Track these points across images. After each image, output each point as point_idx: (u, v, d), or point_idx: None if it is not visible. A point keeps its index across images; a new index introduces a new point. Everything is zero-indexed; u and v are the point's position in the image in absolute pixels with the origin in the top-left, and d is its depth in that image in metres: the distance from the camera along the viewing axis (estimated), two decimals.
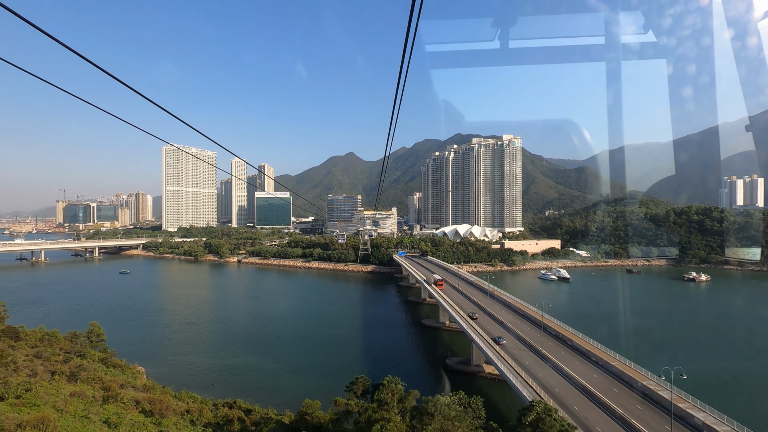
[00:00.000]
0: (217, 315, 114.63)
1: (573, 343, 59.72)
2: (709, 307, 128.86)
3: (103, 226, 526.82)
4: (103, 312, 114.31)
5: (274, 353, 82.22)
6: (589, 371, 50.78)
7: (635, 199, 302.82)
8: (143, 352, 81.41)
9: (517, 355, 58.11)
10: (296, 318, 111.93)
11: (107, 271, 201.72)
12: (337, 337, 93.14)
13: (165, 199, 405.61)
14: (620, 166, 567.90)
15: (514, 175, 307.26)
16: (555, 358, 54.94)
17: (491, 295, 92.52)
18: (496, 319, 77.74)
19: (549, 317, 69.71)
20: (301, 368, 74.21)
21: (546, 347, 58.86)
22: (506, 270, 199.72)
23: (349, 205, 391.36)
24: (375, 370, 73.04)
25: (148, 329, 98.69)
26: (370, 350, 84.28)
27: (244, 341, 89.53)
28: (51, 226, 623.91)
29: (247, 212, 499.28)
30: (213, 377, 70.17)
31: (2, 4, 6.41)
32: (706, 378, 63.67)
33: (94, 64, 8.62)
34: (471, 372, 69.87)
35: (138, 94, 10.34)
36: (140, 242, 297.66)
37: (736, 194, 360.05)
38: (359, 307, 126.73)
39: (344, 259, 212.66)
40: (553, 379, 49.61)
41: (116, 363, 48.90)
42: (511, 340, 65.41)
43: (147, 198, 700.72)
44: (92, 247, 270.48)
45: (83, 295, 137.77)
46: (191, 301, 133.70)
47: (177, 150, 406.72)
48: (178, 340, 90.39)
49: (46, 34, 7.66)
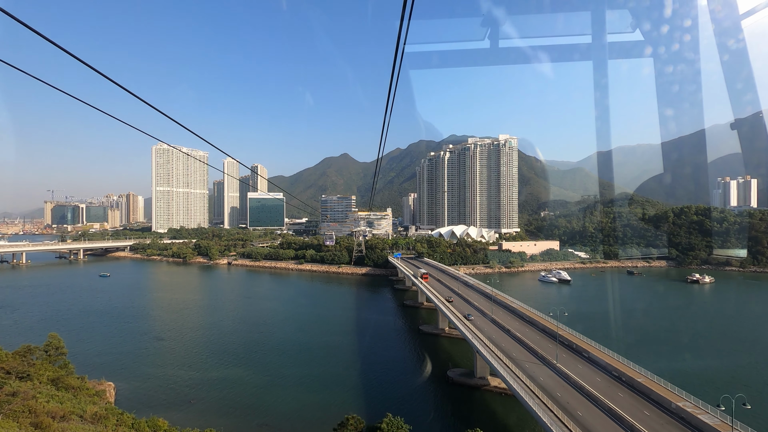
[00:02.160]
0: (201, 321, 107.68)
1: (590, 355, 53.90)
2: (725, 311, 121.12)
3: (92, 227, 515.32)
4: (76, 318, 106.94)
5: (260, 364, 75.61)
6: (613, 388, 44.93)
7: (631, 200, 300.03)
8: (115, 364, 74.44)
9: (529, 369, 52.15)
10: (286, 324, 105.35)
11: (88, 274, 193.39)
12: (330, 345, 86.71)
13: (155, 200, 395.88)
14: (613, 168, 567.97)
15: (511, 175, 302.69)
16: (572, 372, 49.03)
17: (495, 300, 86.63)
18: (502, 327, 71.81)
19: (561, 326, 63.92)
20: (290, 381, 67.71)
21: (561, 360, 52.97)
22: (504, 272, 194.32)
23: (343, 206, 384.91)
24: (370, 384, 66.82)
25: (124, 337, 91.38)
26: (365, 360, 77.91)
27: (229, 350, 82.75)
28: (39, 227, 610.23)
29: (239, 213, 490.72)
30: (191, 393, 63.46)
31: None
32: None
33: (81, 60, 8.77)
34: (475, 385, 63.86)
35: (128, 92, 10.32)
36: (127, 244, 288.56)
37: (729, 195, 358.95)
38: (353, 312, 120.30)
39: (338, 261, 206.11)
40: (573, 398, 43.69)
41: (69, 385, 42.14)
42: (520, 351, 59.52)
43: (138, 199, 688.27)
44: (77, 249, 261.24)
45: (59, 300, 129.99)
46: (174, 306, 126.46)
47: (167, 150, 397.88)
48: (155, 350, 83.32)
49: (36, 31, 7.66)
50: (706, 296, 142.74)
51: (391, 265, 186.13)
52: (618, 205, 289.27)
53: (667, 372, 53.42)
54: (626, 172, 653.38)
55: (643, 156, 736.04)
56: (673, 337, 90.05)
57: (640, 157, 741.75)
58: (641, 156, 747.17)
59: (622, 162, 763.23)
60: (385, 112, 12.01)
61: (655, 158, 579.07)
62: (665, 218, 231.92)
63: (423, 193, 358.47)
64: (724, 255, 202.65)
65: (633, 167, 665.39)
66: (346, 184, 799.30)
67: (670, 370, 61.85)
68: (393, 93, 10.38)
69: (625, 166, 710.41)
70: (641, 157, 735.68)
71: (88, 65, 8.69)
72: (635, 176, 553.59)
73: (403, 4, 7.26)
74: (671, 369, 64.17)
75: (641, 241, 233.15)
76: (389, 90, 10.11)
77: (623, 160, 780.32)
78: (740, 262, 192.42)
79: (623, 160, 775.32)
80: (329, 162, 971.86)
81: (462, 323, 72.52)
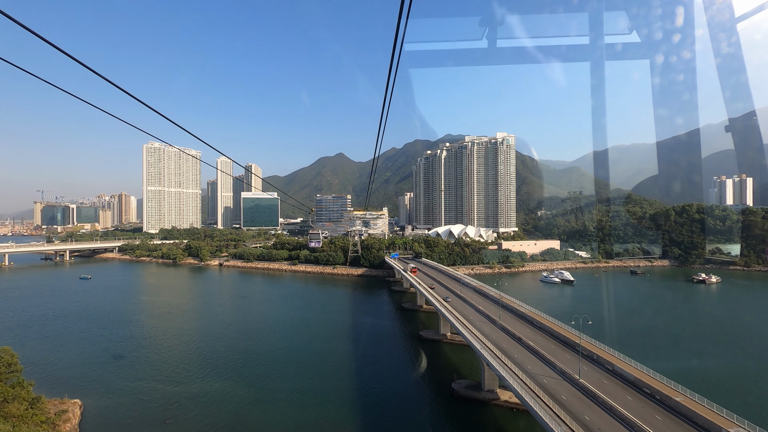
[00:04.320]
0: (184, 327, 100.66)
1: (614, 367, 47.94)
2: (745, 313, 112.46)
3: (83, 228, 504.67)
4: (48, 324, 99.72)
5: (246, 376, 68.95)
6: (648, 409, 38.99)
7: (628, 198, 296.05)
8: (85, 377, 67.59)
9: (548, 385, 46.11)
10: (277, 329, 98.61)
11: (69, 277, 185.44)
12: (323, 352, 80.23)
13: (146, 200, 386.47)
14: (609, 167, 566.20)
15: (509, 174, 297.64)
16: (598, 389, 43.02)
17: (503, 305, 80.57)
18: (512, 335, 65.82)
19: (575, 332, 57.99)
20: (279, 396, 61.23)
21: (583, 374, 46.94)
22: (504, 272, 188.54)
23: (339, 206, 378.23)
24: (366, 398, 60.49)
25: (98, 346, 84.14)
26: (361, 370, 71.54)
27: (213, 360, 76.01)
28: (29, 228, 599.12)
29: (233, 213, 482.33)
30: (168, 411, 56.83)
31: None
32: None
33: (73, 57, 8.61)
34: (483, 399, 57.79)
35: (120, 89, 10.14)
36: (116, 245, 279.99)
37: (726, 193, 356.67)
38: (348, 316, 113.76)
39: (333, 262, 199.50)
40: (604, 422, 37.67)
41: (9, 413, 35.47)
42: (535, 363, 53.52)
43: (130, 199, 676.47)
44: (62, 251, 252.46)
45: (33, 304, 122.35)
46: (156, 310, 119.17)
47: (159, 148, 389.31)
48: (131, 360, 76.29)
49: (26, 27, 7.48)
50: (719, 297, 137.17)
51: (388, 266, 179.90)
52: (617, 204, 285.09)
53: (706, 387, 47.76)
54: (622, 171, 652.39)
55: (638, 155, 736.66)
56: (703, 347, 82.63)
57: (635, 157, 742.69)
58: (636, 155, 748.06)
59: (618, 161, 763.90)
60: (381, 111, 11.92)
61: (650, 157, 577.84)
62: (667, 217, 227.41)
63: (419, 193, 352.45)
64: (726, 254, 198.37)
65: (628, 166, 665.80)
66: (341, 184, 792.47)
67: (708, 385, 56.29)
68: (390, 92, 10.30)
69: (621, 165, 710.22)
70: (636, 156, 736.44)
71: (78, 61, 8.62)
72: (631, 175, 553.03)
73: (400, 3, 7.08)
74: (709, 384, 58.53)
75: (642, 240, 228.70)
76: (386, 89, 9.93)
77: (619, 159, 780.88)
78: (744, 261, 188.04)
79: (619, 159, 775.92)
80: (325, 162, 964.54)
81: (467, 330, 66.43)
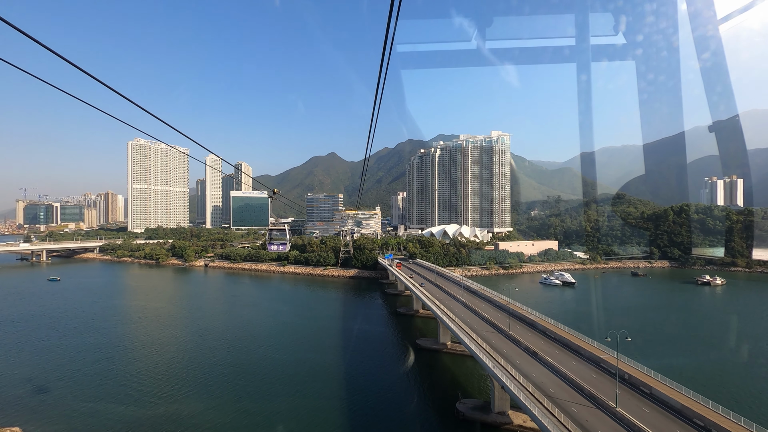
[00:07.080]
0: (157, 335, 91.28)
1: (652, 390, 40.54)
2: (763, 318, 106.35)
3: (67, 227, 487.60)
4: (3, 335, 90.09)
5: (223, 394, 60.33)
6: None
7: (621, 198, 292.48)
8: (33, 398, 58.44)
9: (578, 414, 38.53)
10: (260, 338, 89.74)
11: (38, 278, 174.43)
12: (311, 365, 71.78)
13: (131, 198, 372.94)
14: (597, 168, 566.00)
15: (503, 173, 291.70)
16: (642, 422, 35.49)
17: (513, 314, 72.97)
18: (526, 348, 58.23)
19: (603, 347, 50.59)
20: (257, 421, 52.87)
21: (620, 401, 39.40)
22: (502, 273, 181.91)
23: (330, 205, 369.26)
24: (359, 423, 52.35)
25: (54, 358, 74.43)
26: (353, 386, 63.45)
27: (185, 374, 67.23)
28: (12, 227, 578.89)
29: (222, 212, 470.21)
30: None
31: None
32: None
33: (57, 54, 8.62)
34: (493, 423, 50.13)
35: (105, 86, 10.02)
36: (96, 245, 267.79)
37: (716, 194, 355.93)
38: (339, 322, 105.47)
39: (323, 263, 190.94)
40: None
41: None
42: (558, 385, 45.94)
43: (117, 198, 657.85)
44: (39, 251, 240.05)
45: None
46: (128, 316, 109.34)
47: (145, 145, 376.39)
48: (89, 375, 67.02)
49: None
50: (730, 300, 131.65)
51: (381, 267, 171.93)
52: (614, 204, 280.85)
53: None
54: (611, 172, 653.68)
55: (627, 157, 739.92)
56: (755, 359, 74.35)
57: (624, 158, 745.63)
58: (625, 157, 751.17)
59: (607, 162, 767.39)
60: (372, 110, 11.98)
61: (638, 159, 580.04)
62: (665, 217, 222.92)
63: (413, 192, 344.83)
64: (727, 255, 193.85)
65: (617, 167, 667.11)
66: (333, 184, 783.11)
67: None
68: (381, 92, 10.25)
69: (610, 167, 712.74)
70: (625, 157, 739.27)
71: (66, 59, 8.62)
72: (619, 176, 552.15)
73: (390, 4, 7.03)
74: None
75: (640, 241, 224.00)
76: (377, 89, 10.03)
77: (608, 160, 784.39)
78: (746, 262, 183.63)
79: (608, 161, 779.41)
80: (316, 161, 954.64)
81: (474, 342, 58.66)
